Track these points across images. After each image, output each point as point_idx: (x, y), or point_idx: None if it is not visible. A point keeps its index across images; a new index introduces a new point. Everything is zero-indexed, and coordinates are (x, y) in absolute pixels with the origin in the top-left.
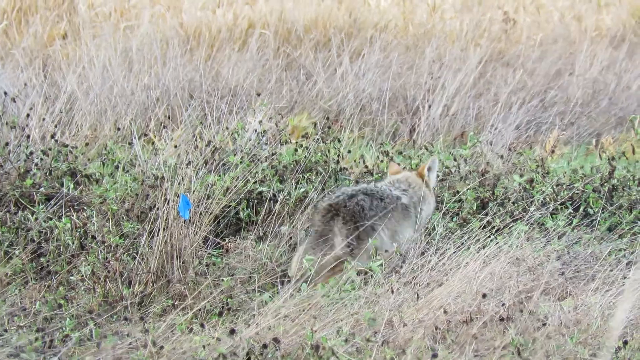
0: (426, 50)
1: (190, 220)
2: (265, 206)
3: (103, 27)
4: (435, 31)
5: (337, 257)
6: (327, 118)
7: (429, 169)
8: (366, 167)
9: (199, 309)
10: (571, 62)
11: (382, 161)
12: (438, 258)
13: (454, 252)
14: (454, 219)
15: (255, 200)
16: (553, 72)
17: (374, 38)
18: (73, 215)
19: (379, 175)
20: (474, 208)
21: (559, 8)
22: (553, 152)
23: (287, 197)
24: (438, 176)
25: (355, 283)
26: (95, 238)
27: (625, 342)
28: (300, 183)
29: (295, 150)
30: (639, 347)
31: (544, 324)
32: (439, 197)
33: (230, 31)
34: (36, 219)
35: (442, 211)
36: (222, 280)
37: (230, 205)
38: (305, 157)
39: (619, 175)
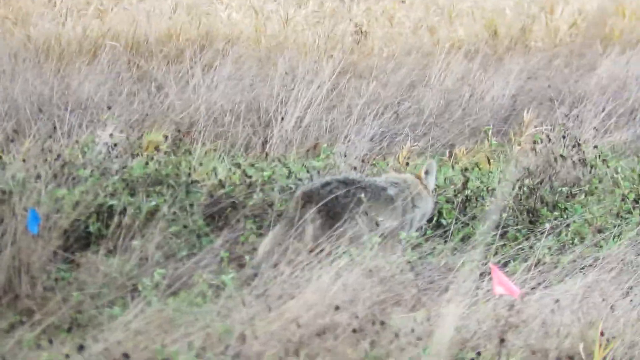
0: (279, 62)
1: (39, 235)
2: (116, 220)
3: None
4: (288, 43)
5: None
6: (179, 131)
7: (426, 172)
8: (219, 180)
9: (48, 325)
10: (425, 73)
11: (234, 173)
12: (291, 270)
13: (307, 264)
14: None
15: (106, 214)
16: (407, 84)
17: (227, 50)
18: None
19: (232, 187)
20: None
21: (412, 20)
22: (407, 163)
23: (138, 211)
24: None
25: (207, 296)
26: None
27: (479, 354)
28: (151, 196)
29: (146, 163)
30: (491, 358)
31: (397, 336)
32: None
33: (80, 44)
34: None
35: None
36: (72, 295)
37: (80, 219)
38: (156, 170)
39: (472, 186)
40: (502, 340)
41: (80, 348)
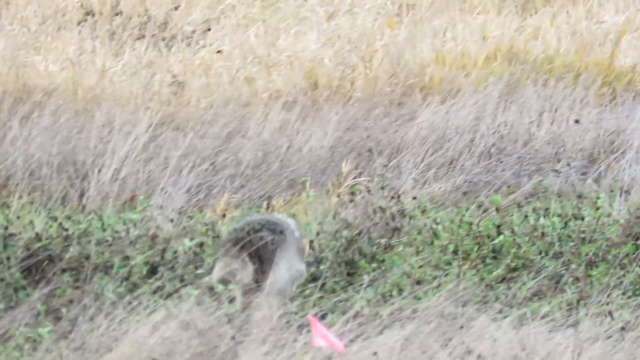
0: (96, 114)
1: None
2: None
3: None
4: (105, 95)
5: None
6: None
7: None
8: (36, 233)
9: None
10: (243, 124)
11: (51, 226)
12: (108, 323)
13: (125, 317)
14: (124, 284)
15: None
16: (224, 135)
17: (44, 102)
18: None
19: (49, 240)
20: (144, 272)
21: (229, 70)
22: (224, 215)
23: None
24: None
25: (24, 350)
26: None
27: None
28: None
29: None
30: None
31: None
32: (108, 262)
33: None
34: None
35: (113, 276)
36: None
37: None
38: None
39: None
40: None
41: None
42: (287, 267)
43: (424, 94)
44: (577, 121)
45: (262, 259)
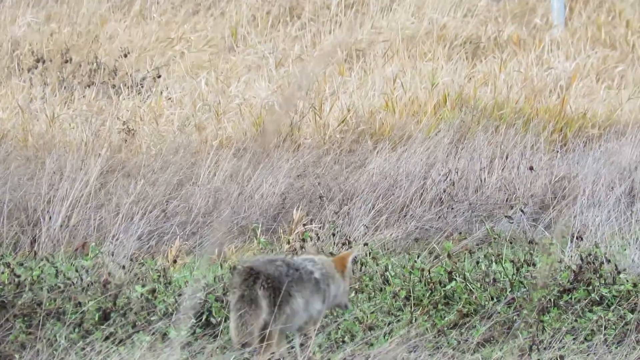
0: (46, 161)
1: None
2: None
3: None
4: (56, 141)
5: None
6: None
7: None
8: None
9: None
10: (194, 172)
11: (2, 273)
12: None
13: None
14: (77, 330)
15: None
16: (175, 182)
17: None
18: None
19: (1, 287)
20: (97, 319)
21: (179, 117)
22: (175, 262)
23: None
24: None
25: None
26: None
27: None
28: None
29: None
30: None
31: None
32: (61, 308)
33: None
34: None
35: (65, 322)
36: None
37: None
38: None
39: None
40: None
41: None
42: (305, 304)
43: (375, 141)
44: (531, 168)
45: (277, 292)
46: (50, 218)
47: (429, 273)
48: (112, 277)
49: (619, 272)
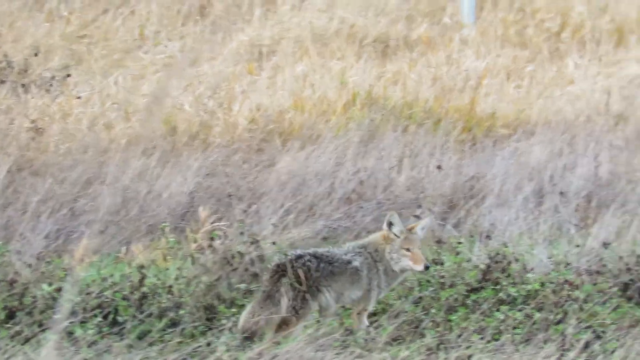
0: None
1: None
2: None
3: None
4: None
5: (283, 317)
6: None
7: (390, 224)
8: None
9: None
10: (102, 170)
11: None
12: None
13: None
14: None
15: None
16: (83, 181)
17: None
18: None
19: None
20: (2, 317)
21: (88, 116)
22: (82, 260)
23: None
24: None
25: None
26: None
27: None
28: None
29: None
30: None
31: None
32: None
33: None
34: None
35: None
36: None
37: None
38: None
39: (149, 283)
40: None
41: None
42: (337, 296)
43: (284, 140)
44: (439, 167)
45: (299, 291)
46: None
47: None
48: (18, 275)
49: (526, 272)
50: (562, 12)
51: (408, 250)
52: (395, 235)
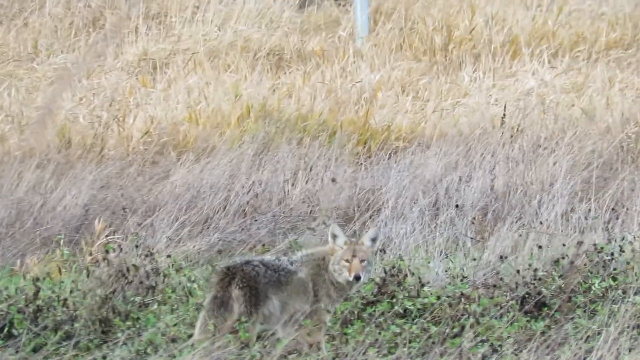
0: None
1: None
2: None
3: None
4: None
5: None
6: None
7: (334, 236)
8: None
9: None
10: None
11: None
12: None
13: None
14: None
15: None
16: None
17: None
18: None
19: None
20: None
21: None
22: None
23: None
24: None
25: None
26: None
27: None
28: None
29: None
30: None
31: None
32: None
33: None
34: None
35: None
36: None
37: None
38: None
39: (44, 296)
40: None
41: None
42: (281, 305)
43: (178, 153)
44: (333, 180)
45: (252, 291)
46: None
47: None
48: None
49: (422, 285)
50: (451, 25)
51: (347, 261)
52: (340, 247)
